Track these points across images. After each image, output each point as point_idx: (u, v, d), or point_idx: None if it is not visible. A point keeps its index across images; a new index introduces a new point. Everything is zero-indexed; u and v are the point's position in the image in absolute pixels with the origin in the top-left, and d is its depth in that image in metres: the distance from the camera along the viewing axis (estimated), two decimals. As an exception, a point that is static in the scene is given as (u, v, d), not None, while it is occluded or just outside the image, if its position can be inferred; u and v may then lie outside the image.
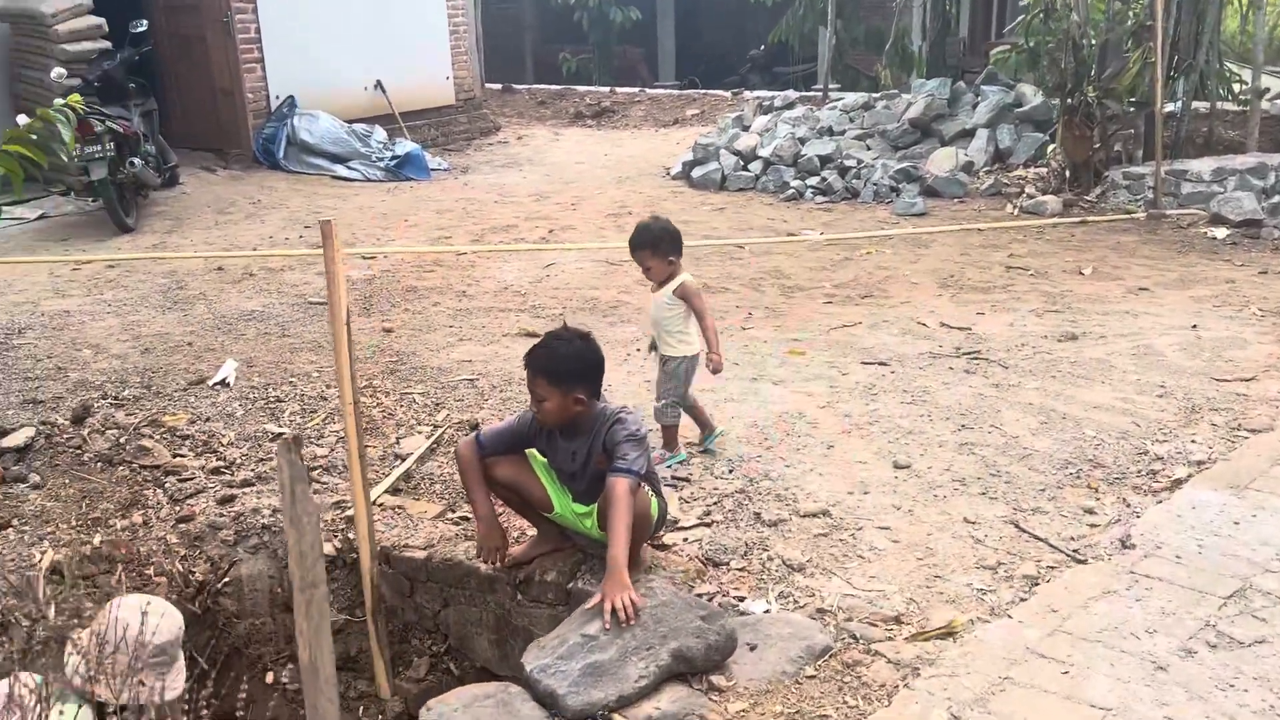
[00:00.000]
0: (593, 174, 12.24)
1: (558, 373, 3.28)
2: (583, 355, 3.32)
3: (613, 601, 2.94)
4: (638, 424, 3.31)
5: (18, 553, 3.74)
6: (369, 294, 7.31)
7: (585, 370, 3.31)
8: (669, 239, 4.38)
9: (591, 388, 3.34)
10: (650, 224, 4.44)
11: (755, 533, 3.84)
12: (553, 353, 3.32)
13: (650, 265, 4.35)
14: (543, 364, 3.31)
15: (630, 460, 3.18)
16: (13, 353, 6.19)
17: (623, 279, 7.60)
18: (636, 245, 4.36)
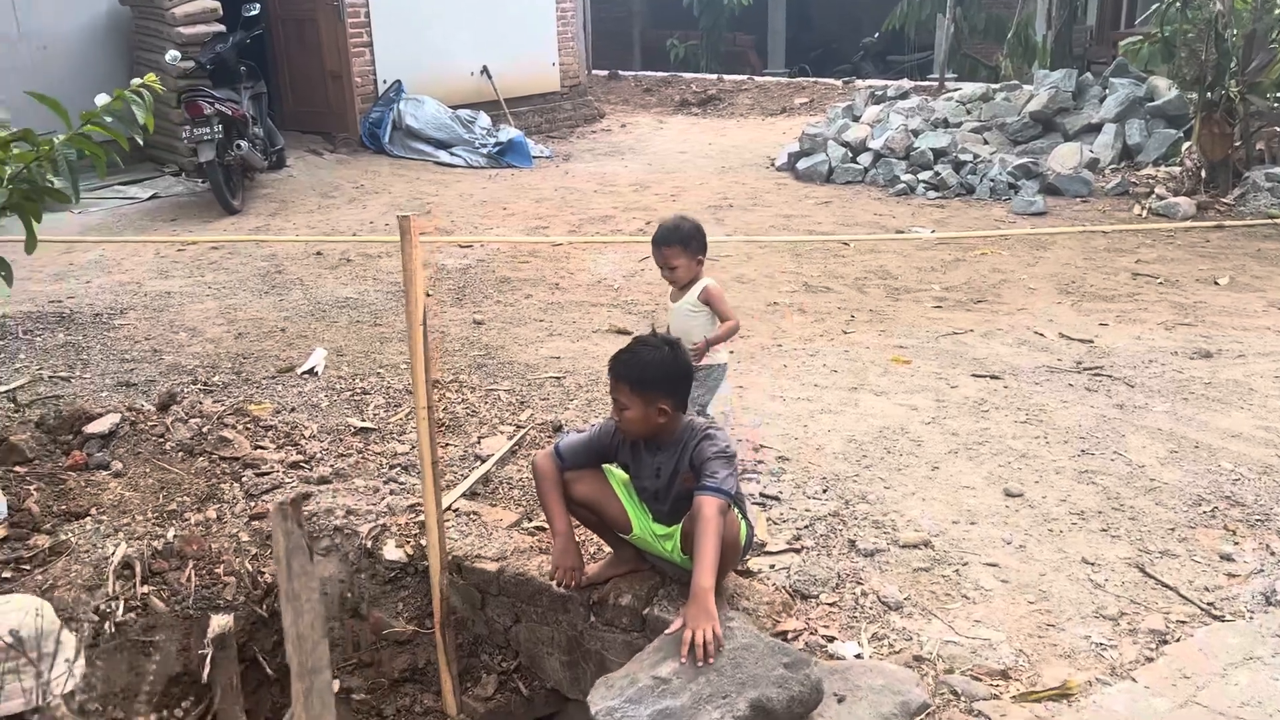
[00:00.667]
0: (695, 164, 11.97)
1: (642, 381, 3.06)
2: (669, 364, 3.09)
3: (694, 634, 2.71)
4: (728, 440, 3.07)
5: (92, 544, 3.70)
6: (463, 284, 7.21)
7: (671, 380, 3.08)
8: (700, 237, 4.03)
9: (676, 399, 3.11)
10: (679, 221, 4.05)
11: (849, 563, 3.55)
12: (638, 360, 3.10)
13: (678, 265, 3.98)
14: (626, 371, 3.09)
15: (720, 479, 2.94)
16: (113, 333, 6.27)
17: (719, 275, 7.30)
18: (665, 242, 3.98)
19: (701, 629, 2.69)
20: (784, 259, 7.78)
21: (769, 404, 5.00)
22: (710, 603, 2.74)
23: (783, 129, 14.05)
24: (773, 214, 9.31)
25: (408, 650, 3.69)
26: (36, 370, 5.62)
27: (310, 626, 1.01)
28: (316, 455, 4.54)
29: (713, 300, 4.05)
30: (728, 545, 2.94)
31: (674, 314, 4.14)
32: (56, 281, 7.49)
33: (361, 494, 4.11)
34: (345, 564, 3.78)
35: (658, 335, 3.19)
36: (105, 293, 7.15)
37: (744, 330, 6.14)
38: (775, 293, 6.92)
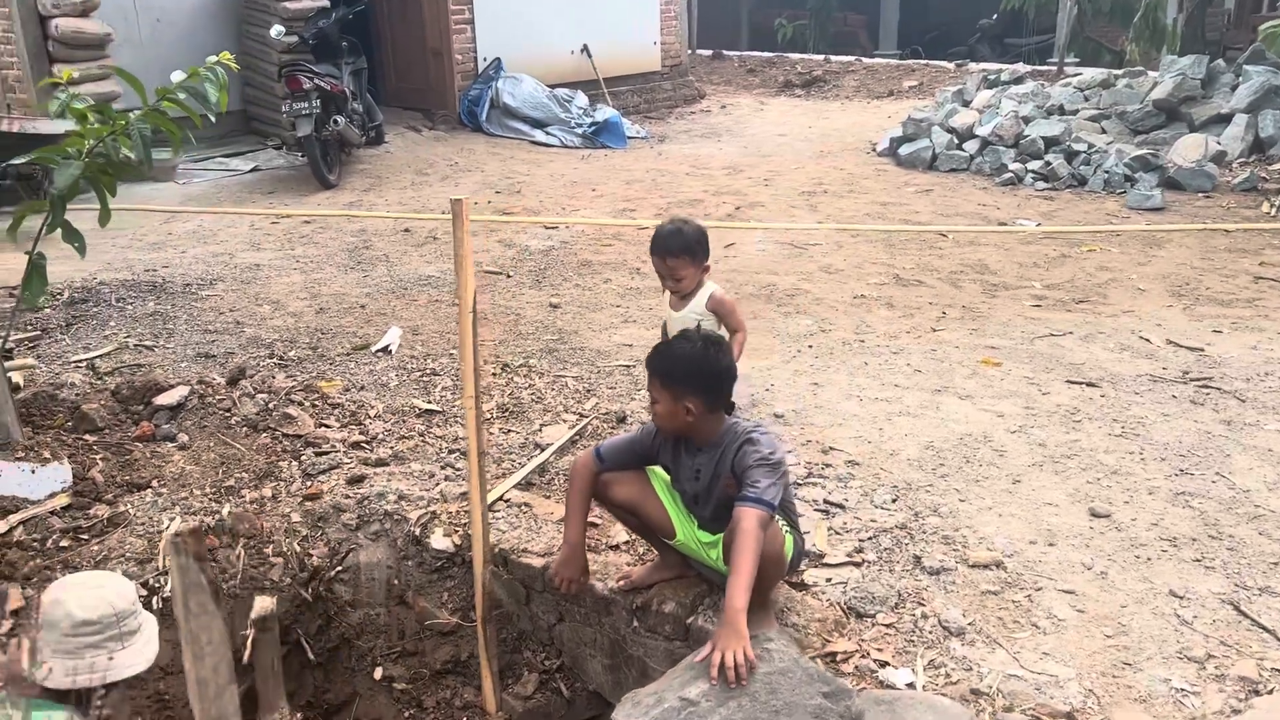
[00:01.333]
0: (793, 147, 11.67)
1: (671, 374, 2.91)
2: (702, 360, 2.90)
3: (724, 655, 2.56)
4: (772, 446, 2.88)
5: (149, 517, 3.73)
6: (544, 265, 7.13)
7: (701, 377, 2.89)
8: (704, 242, 3.68)
9: (707, 399, 2.91)
10: (680, 227, 3.67)
11: (912, 581, 3.34)
12: (670, 353, 2.95)
13: (684, 275, 3.63)
14: (657, 363, 2.95)
15: (761, 489, 2.76)
16: (200, 304, 6.38)
17: (806, 265, 7.09)
18: (669, 251, 3.62)
19: (731, 650, 2.53)
20: (876, 249, 7.49)
21: (843, 403, 4.78)
22: (741, 624, 2.58)
23: (888, 113, 13.59)
24: (868, 201, 8.98)
25: (451, 642, 3.63)
26: (124, 338, 5.75)
27: (213, 670, 0.90)
28: (378, 436, 4.51)
29: (723, 310, 3.72)
30: (769, 561, 2.77)
31: (676, 324, 3.71)
32: (154, 250, 7.68)
33: (416, 478, 4.06)
34: (393, 550, 3.73)
35: (701, 331, 3.01)
36: (198, 263, 7.30)
37: (824, 324, 5.93)
38: (864, 285, 6.65)
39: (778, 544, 2.86)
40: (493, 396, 4.90)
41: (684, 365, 2.88)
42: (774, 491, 2.77)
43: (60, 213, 3.67)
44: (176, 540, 0.85)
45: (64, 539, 3.58)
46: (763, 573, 2.74)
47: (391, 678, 3.62)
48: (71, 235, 3.74)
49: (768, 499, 2.75)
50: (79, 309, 6.27)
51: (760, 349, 5.53)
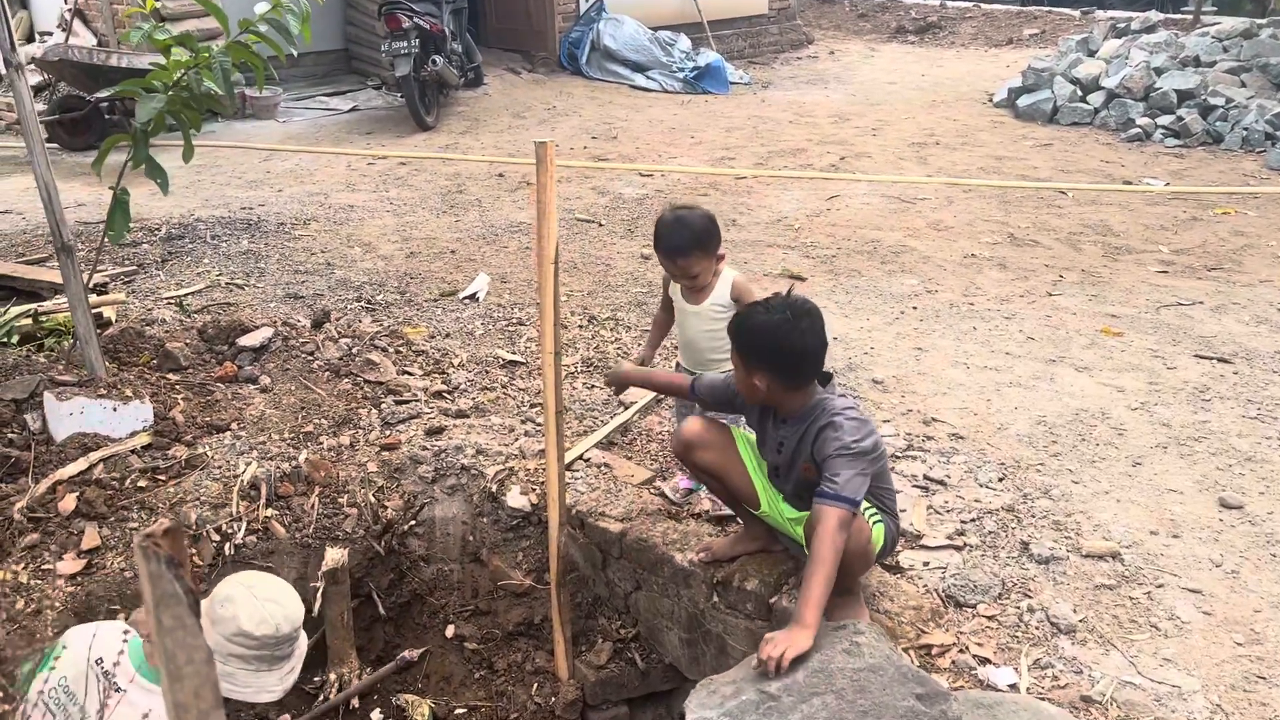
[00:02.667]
0: (903, 96, 11.14)
1: (744, 346, 2.67)
2: (777, 334, 2.59)
3: (768, 652, 2.35)
4: (859, 432, 2.58)
5: (226, 460, 3.68)
6: (637, 215, 6.92)
7: (776, 353, 2.61)
8: (714, 229, 3.20)
9: (780, 378, 2.63)
10: (683, 216, 3.18)
11: (1018, 569, 3.08)
12: (747, 323, 2.69)
13: (699, 270, 3.16)
14: (733, 330, 2.72)
15: (841, 483, 2.49)
16: (293, 243, 6.35)
17: (913, 220, 6.73)
18: (678, 251, 3.15)
19: (781, 648, 2.32)
20: (990, 206, 7.07)
21: (949, 371, 4.48)
22: (808, 632, 2.36)
23: (1006, 62, 12.89)
24: (983, 155, 8.50)
25: (524, 603, 3.51)
26: (216, 276, 5.75)
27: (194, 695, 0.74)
28: (460, 386, 4.40)
29: (743, 292, 3.24)
30: (854, 555, 2.54)
31: (694, 318, 3.31)
32: (252, 188, 7.70)
33: (496, 432, 3.93)
34: (469, 506, 3.62)
35: (789, 299, 2.70)
36: (294, 202, 7.28)
37: (930, 284, 5.60)
38: (975, 244, 6.27)
39: (864, 538, 2.60)
40: (577, 350, 4.74)
41: (757, 338, 2.62)
42: (856, 484, 2.50)
43: (143, 147, 3.59)
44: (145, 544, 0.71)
45: (142, 479, 3.56)
46: (846, 566, 2.51)
47: (463, 636, 3.52)
48: (155, 170, 3.67)
49: (848, 494, 2.48)
50: (175, 245, 6.31)
51: (861, 309, 5.25)
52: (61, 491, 3.42)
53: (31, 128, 3.54)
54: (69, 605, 3.11)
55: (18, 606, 3.06)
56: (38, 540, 3.29)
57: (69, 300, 3.79)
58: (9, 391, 3.68)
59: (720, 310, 3.22)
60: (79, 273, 3.73)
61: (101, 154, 3.67)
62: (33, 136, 3.55)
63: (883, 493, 2.75)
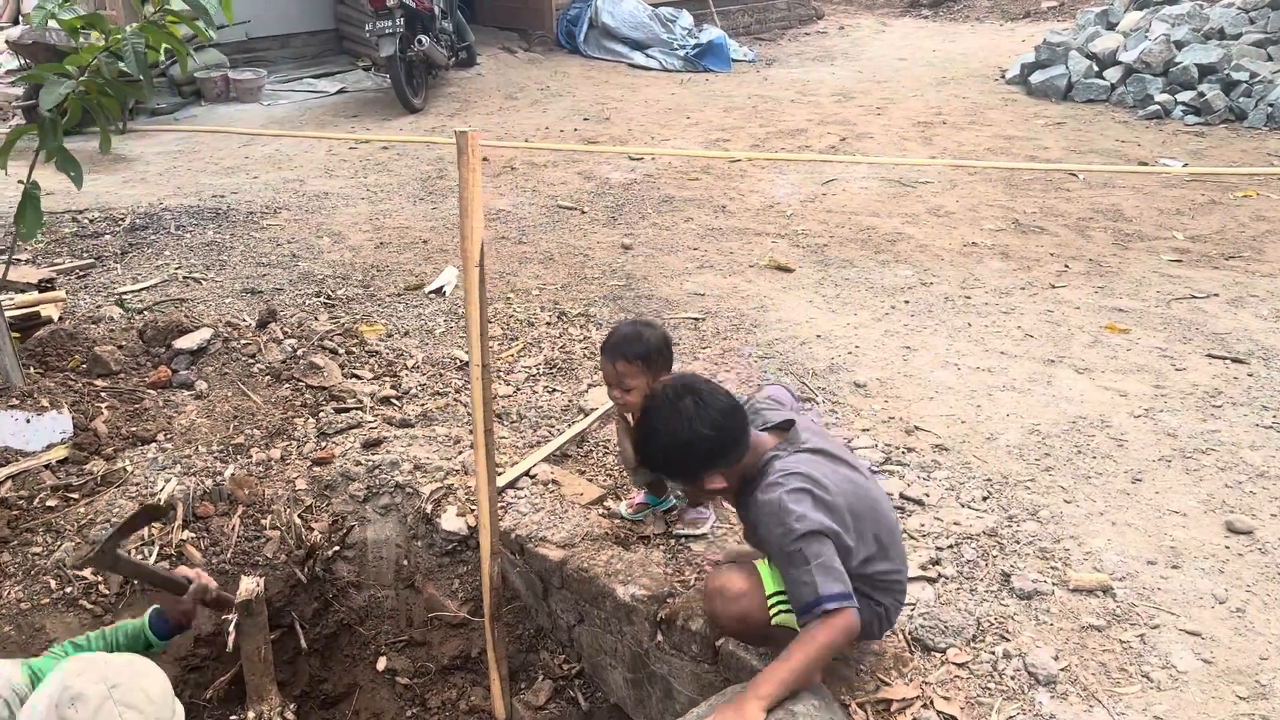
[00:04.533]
0: (912, 72, 10.73)
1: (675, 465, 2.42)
2: (679, 429, 2.31)
3: None
4: (798, 505, 2.20)
5: (146, 476, 3.41)
6: (621, 201, 6.59)
7: (697, 446, 2.31)
8: (666, 352, 2.96)
9: (722, 461, 2.34)
10: (641, 330, 2.94)
11: (997, 605, 2.76)
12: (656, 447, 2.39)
13: (634, 385, 2.88)
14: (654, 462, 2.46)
15: (805, 593, 2.15)
16: (260, 233, 6.08)
17: (912, 206, 6.37)
18: (620, 353, 2.89)
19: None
20: (995, 189, 6.70)
21: (937, 373, 4.15)
22: (755, 711, 2.08)
23: (1022, 36, 12.44)
24: (991, 135, 8.11)
25: (461, 635, 3.22)
26: (174, 269, 5.48)
27: None
28: (410, 390, 4.11)
29: None
30: (832, 649, 2.21)
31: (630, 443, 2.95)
32: (227, 175, 7.43)
33: (439, 444, 3.64)
34: (403, 527, 3.33)
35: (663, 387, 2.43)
36: (267, 189, 7.01)
37: (926, 275, 5.25)
38: (976, 230, 5.91)
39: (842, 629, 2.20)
40: (541, 350, 4.44)
41: (675, 452, 2.33)
42: (817, 579, 2.14)
43: (51, 137, 3.30)
44: None
45: (52, 498, 3.30)
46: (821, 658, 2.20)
47: (395, 670, 3.24)
48: (67, 162, 3.38)
49: (810, 598, 2.14)
50: (138, 236, 6.05)
51: (849, 303, 4.92)
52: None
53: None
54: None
55: (-102, 644, 2.81)
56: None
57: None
58: (-87, 403, 3.42)
59: None
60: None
61: (7, 145, 3.38)
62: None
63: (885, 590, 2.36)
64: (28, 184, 3.43)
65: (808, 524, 2.17)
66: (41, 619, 2.95)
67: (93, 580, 3.04)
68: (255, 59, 10.33)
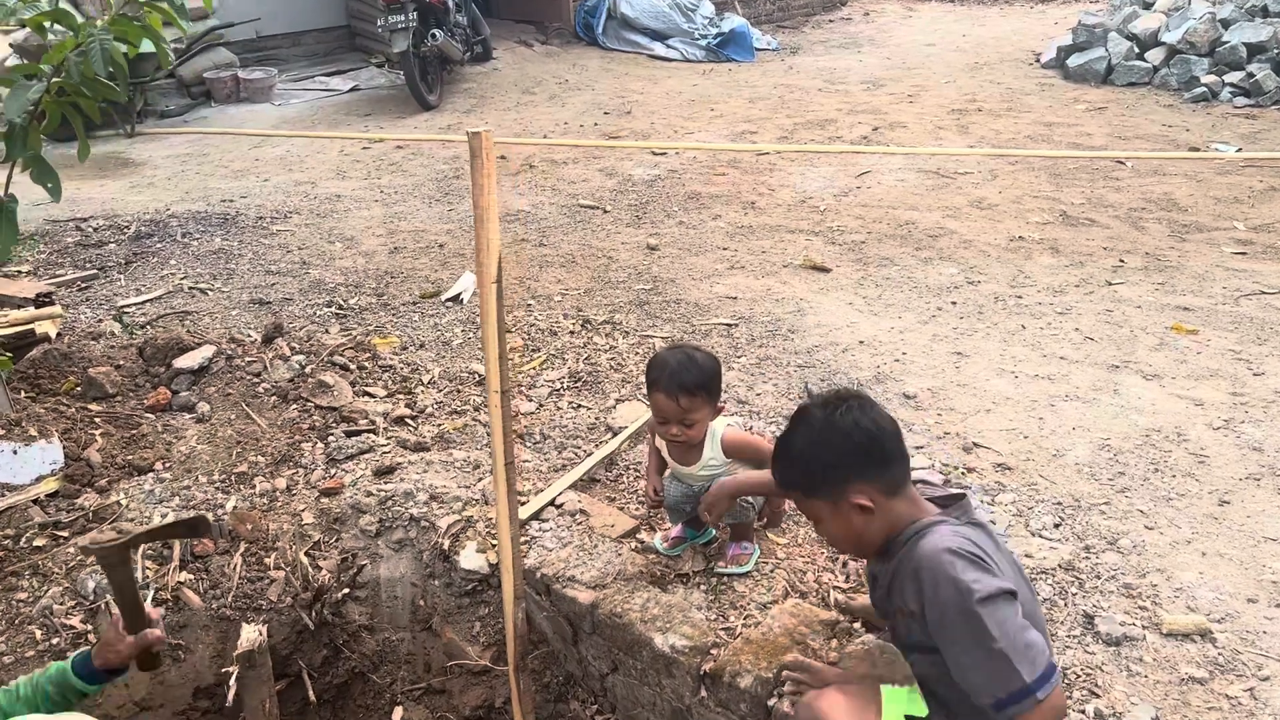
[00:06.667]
0: (943, 58, 10.36)
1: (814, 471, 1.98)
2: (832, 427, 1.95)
3: None
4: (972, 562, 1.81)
5: (142, 510, 3.15)
6: (646, 199, 6.29)
7: (846, 451, 1.95)
8: (720, 376, 2.66)
9: (875, 477, 1.95)
10: (695, 353, 2.62)
11: (1082, 653, 2.46)
12: (795, 448, 2.00)
13: (698, 419, 2.59)
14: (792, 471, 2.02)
15: (1004, 674, 1.75)
16: (270, 239, 5.83)
17: (952, 198, 6.04)
18: (680, 386, 2.55)
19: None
20: (1039, 179, 6.35)
21: (993, 381, 3.84)
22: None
23: (1055, 18, 12.04)
24: (1030, 121, 7.74)
25: (484, 683, 2.95)
26: (180, 279, 5.24)
27: None
28: (426, 409, 3.83)
29: (746, 450, 2.69)
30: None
31: (680, 480, 2.79)
32: (236, 178, 7.19)
33: (457, 470, 3.36)
34: (419, 565, 3.06)
35: (820, 396, 2.05)
36: (278, 193, 6.76)
37: (972, 273, 4.93)
38: (1022, 224, 5.58)
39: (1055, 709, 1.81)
40: (565, 361, 4.16)
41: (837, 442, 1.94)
42: (1020, 661, 1.74)
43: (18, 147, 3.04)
44: None
45: (40, 536, 3.04)
46: None
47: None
48: (43, 173, 3.11)
49: (1025, 688, 1.74)
50: (143, 244, 5.81)
51: (893, 305, 4.61)
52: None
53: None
54: (-68, 701, 2.60)
55: None
56: (-93, 617, 2.79)
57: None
58: (-109, 435, 3.18)
59: (713, 469, 2.71)
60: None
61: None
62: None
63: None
64: (5, 198, 3.16)
65: (988, 585, 1.77)
66: (25, 673, 2.69)
67: (81, 630, 2.79)
68: (266, 57, 10.10)
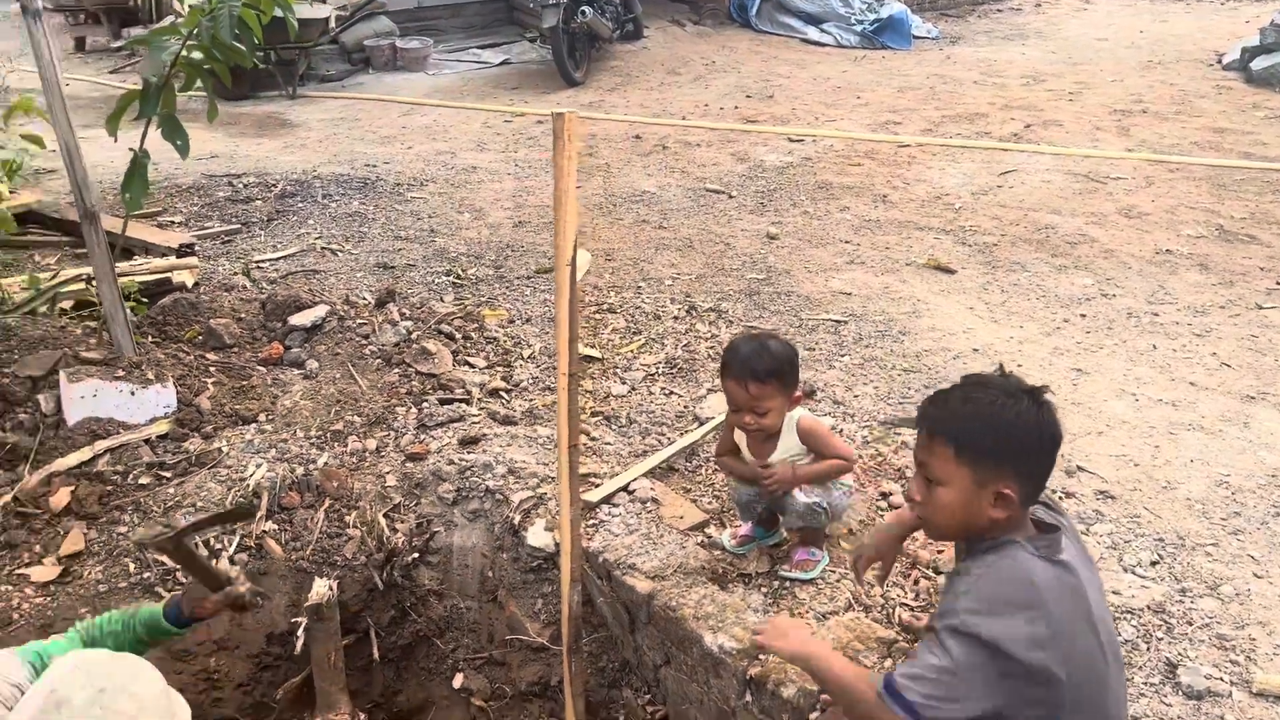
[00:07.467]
0: (1114, 54, 9.78)
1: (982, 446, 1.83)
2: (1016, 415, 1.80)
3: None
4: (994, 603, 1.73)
5: (239, 459, 3.30)
6: (773, 186, 6.18)
7: (1023, 444, 1.81)
8: (796, 365, 2.59)
9: (1028, 483, 1.83)
10: (768, 341, 2.55)
11: (1157, 703, 2.29)
12: (978, 410, 1.84)
13: (771, 408, 2.52)
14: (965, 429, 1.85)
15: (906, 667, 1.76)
16: (403, 206, 6.00)
17: (1100, 204, 5.70)
18: (751, 373, 2.49)
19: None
20: (1199, 190, 5.93)
21: (1111, 403, 3.61)
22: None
23: (1247, 16, 11.18)
24: (1199, 126, 7.23)
25: (541, 659, 2.97)
26: (314, 239, 5.46)
27: None
28: (521, 384, 3.88)
29: (817, 439, 2.61)
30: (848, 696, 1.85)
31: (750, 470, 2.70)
32: (383, 144, 7.43)
33: (539, 446, 3.39)
34: (490, 537, 3.10)
35: (1000, 376, 1.91)
36: (418, 161, 6.95)
37: (1108, 285, 4.65)
38: (1173, 236, 5.22)
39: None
40: (664, 346, 4.13)
41: (1001, 430, 1.80)
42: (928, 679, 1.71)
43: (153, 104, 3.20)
44: None
45: (145, 475, 3.23)
46: None
47: (470, 690, 3.02)
48: (173, 131, 3.28)
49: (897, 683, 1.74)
50: (286, 203, 6.07)
51: (1016, 313, 4.39)
52: (57, 485, 3.13)
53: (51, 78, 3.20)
54: (32, 619, 2.80)
55: (-23, 617, 2.78)
56: (22, 539, 3.00)
57: (94, 270, 3.49)
58: (26, 368, 3.43)
59: (790, 460, 2.62)
60: (104, 241, 3.41)
61: (117, 110, 3.31)
62: (53, 90, 3.23)
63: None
64: (138, 151, 3.35)
65: (979, 627, 1.69)
66: (117, 602, 2.87)
67: (171, 568, 2.94)
68: (426, 28, 10.38)
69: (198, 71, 3.23)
